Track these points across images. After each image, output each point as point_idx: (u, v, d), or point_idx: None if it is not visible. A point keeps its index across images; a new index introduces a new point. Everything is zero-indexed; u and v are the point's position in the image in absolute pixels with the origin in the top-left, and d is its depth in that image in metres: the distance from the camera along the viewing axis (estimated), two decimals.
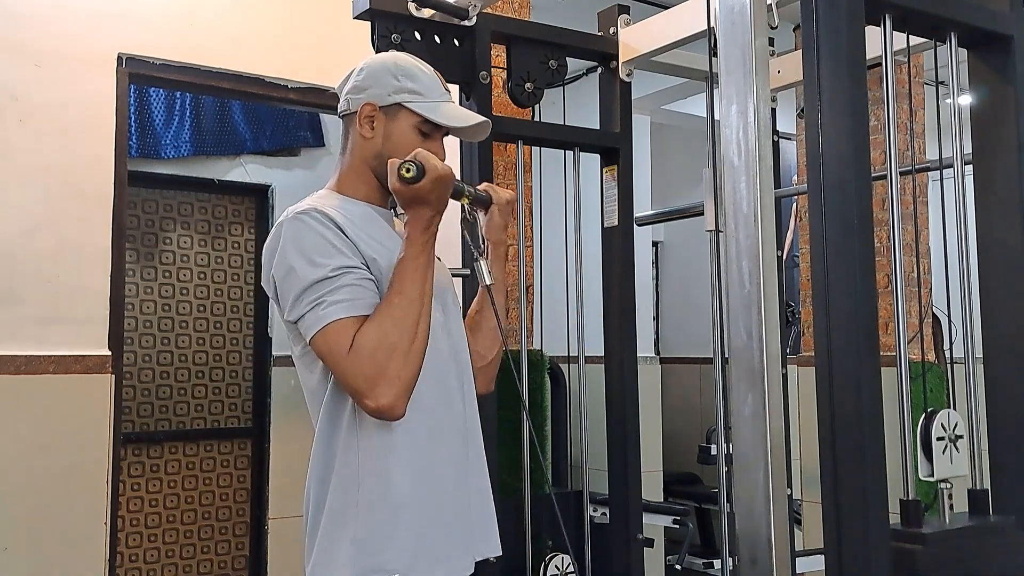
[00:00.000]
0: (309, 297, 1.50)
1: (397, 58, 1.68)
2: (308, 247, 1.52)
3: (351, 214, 1.59)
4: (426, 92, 1.63)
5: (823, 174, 1.47)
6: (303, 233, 1.53)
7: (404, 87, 1.62)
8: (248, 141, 4.51)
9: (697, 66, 2.99)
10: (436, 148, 1.65)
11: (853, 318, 1.41)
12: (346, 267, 1.51)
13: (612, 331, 2.84)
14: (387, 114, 1.63)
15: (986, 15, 1.69)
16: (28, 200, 2.82)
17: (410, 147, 1.60)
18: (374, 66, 1.66)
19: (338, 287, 1.49)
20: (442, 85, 1.67)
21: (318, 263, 1.50)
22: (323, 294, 1.49)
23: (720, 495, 2.65)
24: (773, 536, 1.31)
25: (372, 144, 1.64)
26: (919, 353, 3.34)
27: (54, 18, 2.89)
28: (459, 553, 1.60)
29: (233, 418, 4.63)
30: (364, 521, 1.53)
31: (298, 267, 1.51)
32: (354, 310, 1.49)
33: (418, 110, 1.62)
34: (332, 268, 1.50)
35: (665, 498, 5.05)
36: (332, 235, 1.52)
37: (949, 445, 1.55)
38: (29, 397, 2.75)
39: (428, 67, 1.69)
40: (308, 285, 1.50)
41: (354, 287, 1.50)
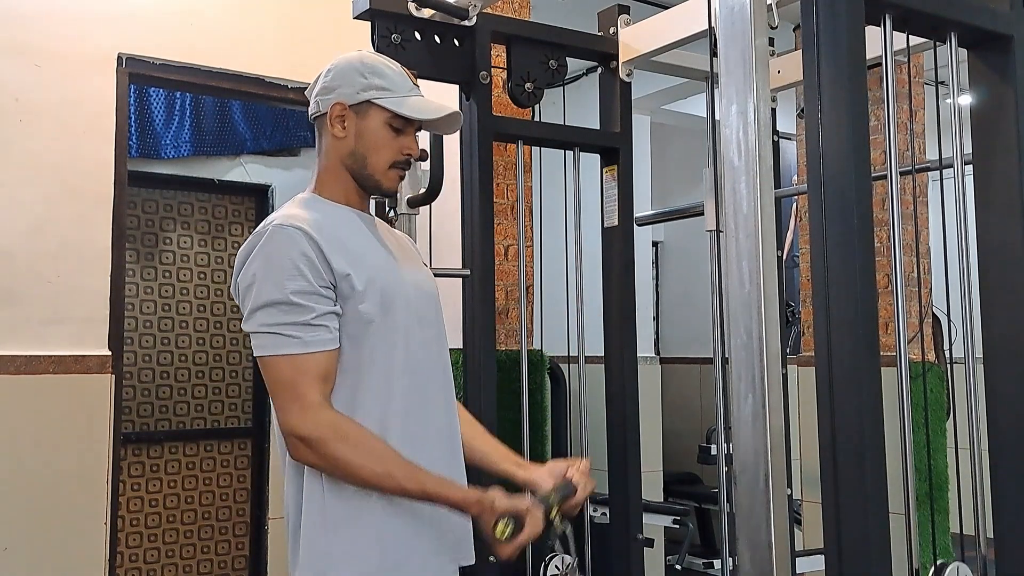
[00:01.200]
0: (264, 318, 1.52)
1: (363, 57, 1.68)
2: (276, 265, 1.52)
3: (330, 220, 1.59)
4: (394, 88, 1.64)
5: (823, 174, 1.47)
6: (276, 249, 1.53)
7: (372, 84, 1.63)
8: (248, 141, 4.51)
9: (697, 66, 2.99)
10: (408, 143, 1.66)
11: (853, 318, 1.41)
12: (308, 293, 1.51)
13: (612, 331, 2.84)
14: (357, 112, 1.64)
15: (986, 15, 1.69)
16: (28, 200, 2.82)
17: (382, 143, 1.63)
18: (341, 66, 1.67)
19: (295, 322, 1.50)
20: (410, 80, 1.68)
21: (281, 284, 1.51)
22: (278, 322, 1.51)
23: (720, 495, 2.65)
24: (773, 536, 1.31)
25: (345, 143, 1.64)
26: (919, 353, 3.34)
27: (54, 18, 2.89)
28: (442, 560, 1.61)
29: (233, 418, 4.62)
30: (343, 533, 1.53)
31: (260, 282, 1.53)
32: (315, 347, 1.51)
33: (387, 105, 1.62)
34: (292, 291, 1.51)
35: (665, 498, 5.05)
36: (301, 257, 1.52)
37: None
38: (29, 397, 2.75)
39: (395, 64, 1.69)
40: (265, 303, 1.52)
41: (310, 327, 1.51)
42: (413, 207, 2.77)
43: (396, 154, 1.65)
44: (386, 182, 1.66)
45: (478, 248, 2.59)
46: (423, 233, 2.91)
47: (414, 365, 1.61)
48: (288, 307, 1.50)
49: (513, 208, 3.51)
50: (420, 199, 2.75)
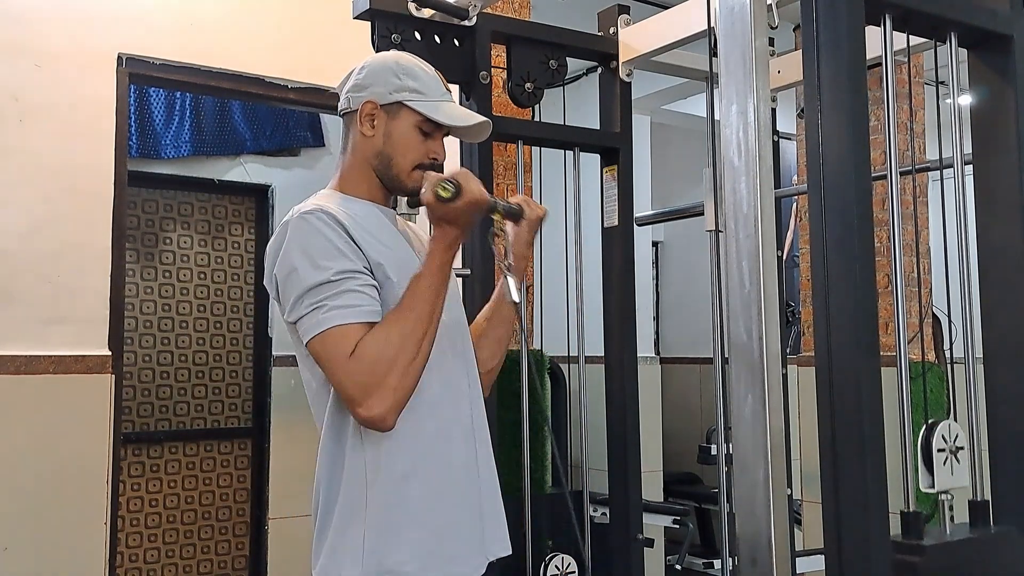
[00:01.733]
0: (310, 300, 1.49)
1: (399, 57, 1.68)
2: (312, 249, 1.51)
3: (355, 214, 1.59)
4: (428, 91, 1.64)
5: (823, 174, 1.46)
6: (308, 234, 1.52)
7: (406, 86, 1.63)
8: (248, 141, 4.51)
9: (697, 66, 2.99)
10: (436, 147, 1.66)
11: (853, 318, 1.41)
12: (349, 271, 1.50)
13: (612, 331, 2.84)
14: (388, 112, 1.63)
15: (986, 15, 1.69)
16: (28, 200, 2.82)
17: (410, 146, 1.63)
18: (375, 65, 1.66)
19: (340, 292, 1.49)
20: (443, 85, 1.68)
21: (321, 265, 1.49)
22: (324, 298, 1.48)
23: (720, 495, 2.65)
24: (773, 536, 1.31)
25: (373, 142, 1.64)
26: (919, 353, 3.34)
27: (54, 18, 2.89)
28: (471, 553, 1.60)
29: (233, 418, 4.63)
30: (374, 523, 1.52)
31: (300, 268, 1.51)
32: (354, 316, 1.48)
33: (420, 109, 1.62)
34: (335, 272, 1.49)
35: (665, 498, 5.06)
36: (336, 237, 1.52)
37: (950, 456, 1.55)
38: (29, 397, 2.75)
39: (429, 67, 1.69)
40: (309, 287, 1.49)
41: (356, 293, 1.50)
42: (413, 207, 2.76)
43: (422, 157, 1.65)
44: (410, 182, 1.65)
45: (478, 248, 2.59)
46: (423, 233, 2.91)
47: (441, 356, 1.59)
48: (332, 284, 1.49)
49: None
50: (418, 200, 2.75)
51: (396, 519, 1.53)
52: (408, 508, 1.54)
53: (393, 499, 1.53)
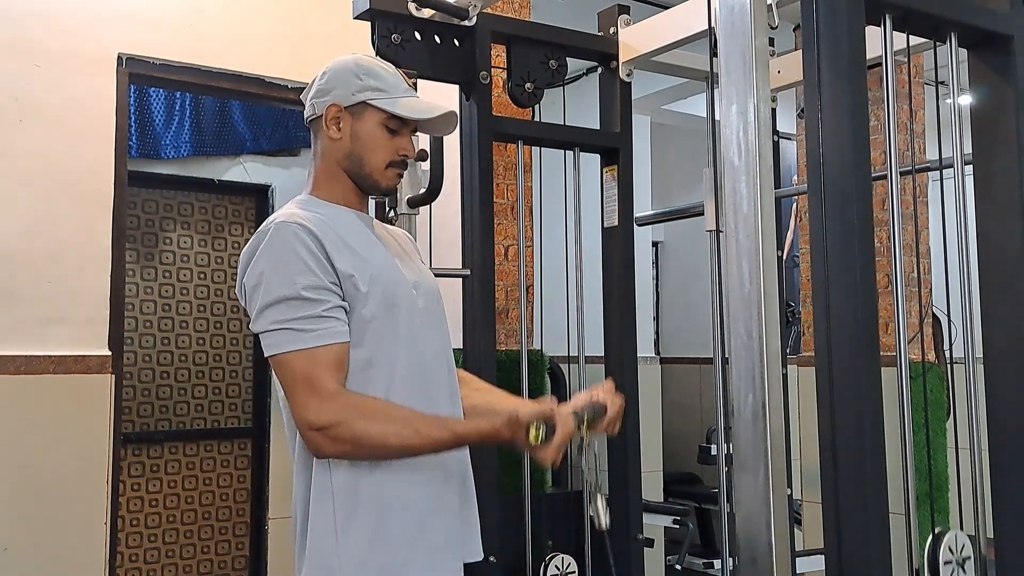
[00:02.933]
0: (275, 315, 1.51)
1: (358, 59, 1.69)
2: (282, 262, 1.52)
3: (332, 221, 1.59)
4: (389, 88, 1.65)
5: (823, 174, 1.46)
6: (279, 246, 1.53)
7: (367, 85, 1.64)
8: (248, 141, 4.51)
9: (697, 66, 2.99)
10: (404, 144, 1.66)
11: (853, 318, 1.41)
12: (316, 287, 1.51)
13: (612, 331, 2.84)
14: (353, 114, 1.64)
15: (986, 15, 1.69)
16: (28, 200, 2.82)
17: (379, 144, 1.64)
18: (336, 68, 1.68)
19: (307, 315, 1.50)
20: (405, 81, 1.68)
21: (289, 280, 1.50)
22: (290, 319, 1.50)
23: (720, 495, 2.65)
24: (773, 536, 1.31)
25: (341, 145, 1.65)
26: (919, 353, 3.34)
27: (54, 18, 2.89)
28: (448, 559, 1.60)
29: (233, 418, 4.62)
30: (351, 534, 1.53)
31: (269, 280, 1.52)
32: (326, 339, 1.50)
33: (382, 106, 1.63)
34: (302, 287, 1.50)
35: (665, 498, 5.05)
36: (307, 252, 1.52)
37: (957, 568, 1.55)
38: (29, 397, 2.75)
39: (390, 66, 1.71)
40: (275, 300, 1.51)
41: (321, 318, 1.50)
42: (413, 207, 2.77)
43: (392, 154, 1.65)
44: (384, 180, 1.66)
45: (478, 248, 2.59)
46: (423, 233, 2.91)
47: (419, 366, 1.61)
48: (299, 302, 1.50)
49: (513, 208, 3.51)
50: (420, 199, 2.75)
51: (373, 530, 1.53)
52: (385, 518, 1.54)
53: (369, 510, 1.54)
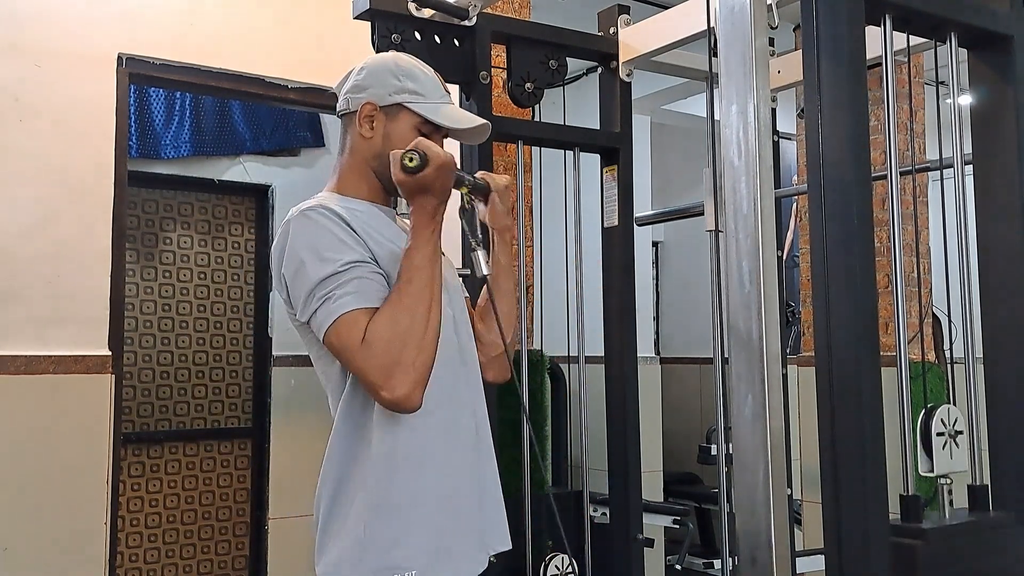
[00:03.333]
0: (319, 293, 1.49)
1: (398, 58, 1.68)
2: (317, 243, 1.51)
3: (358, 213, 1.59)
4: (427, 93, 1.63)
5: (823, 174, 1.47)
6: (311, 229, 1.52)
7: (405, 87, 1.62)
8: (248, 141, 4.51)
9: (697, 66, 2.99)
10: None
11: (853, 318, 1.41)
12: (354, 261, 1.50)
13: (612, 331, 2.84)
14: (387, 114, 1.63)
15: (986, 15, 1.69)
16: (28, 200, 2.82)
17: None
18: (375, 66, 1.66)
19: (347, 280, 1.48)
20: (442, 87, 1.67)
21: (327, 258, 1.49)
22: (332, 288, 1.48)
23: (720, 495, 2.65)
24: (773, 536, 1.31)
25: (372, 144, 1.64)
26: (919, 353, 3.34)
27: (54, 18, 2.89)
28: (474, 550, 1.60)
29: (233, 418, 4.62)
30: (378, 519, 1.52)
31: (308, 264, 1.51)
32: (364, 301, 1.48)
33: (419, 111, 1.62)
34: (342, 263, 1.49)
35: (665, 498, 5.05)
36: (339, 230, 1.52)
37: (949, 441, 1.55)
38: (29, 397, 2.75)
39: (429, 68, 1.68)
40: (318, 281, 1.49)
41: (363, 280, 1.49)
42: None
43: None
44: None
45: None
46: None
47: (447, 358, 1.59)
48: (339, 275, 1.49)
49: (513, 208, 3.50)
50: None
51: (400, 517, 1.53)
52: (412, 506, 1.53)
53: (397, 497, 1.53)
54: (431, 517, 1.54)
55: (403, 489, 1.53)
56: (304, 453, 4.30)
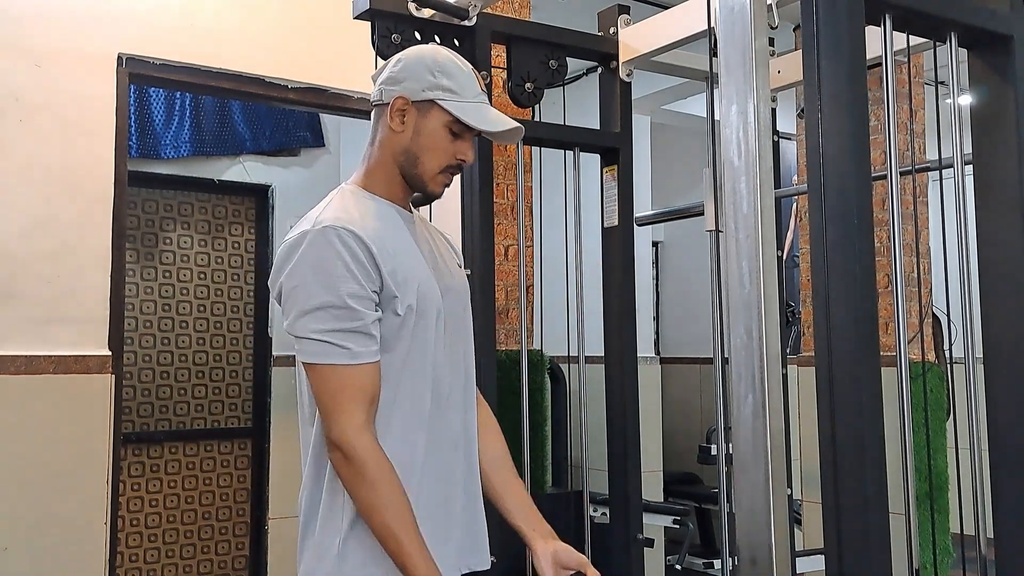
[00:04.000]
0: (315, 324, 1.49)
1: (437, 52, 1.64)
2: (328, 267, 1.49)
3: (377, 219, 1.58)
4: (461, 91, 1.60)
5: (823, 174, 1.47)
6: (323, 251, 1.50)
7: (439, 84, 1.59)
8: (247, 141, 4.51)
9: (697, 66, 2.99)
10: (465, 148, 1.63)
11: (853, 318, 1.41)
12: (356, 296, 1.49)
13: (612, 331, 2.84)
14: (419, 109, 1.60)
15: (986, 15, 1.69)
16: (28, 200, 2.82)
17: (439, 146, 1.61)
18: (412, 59, 1.63)
19: (346, 329, 1.48)
20: (479, 85, 1.64)
21: (333, 287, 1.48)
22: (329, 328, 1.48)
23: (720, 495, 2.65)
24: (773, 536, 1.31)
25: (401, 138, 1.61)
26: (919, 353, 3.34)
27: (54, 18, 2.89)
28: (444, 567, 1.55)
29: (233, 418, 4.63)
30: (352, 532, 1.52)
31: (310, 284, 1.50)
32: (351, 359, 1.49)
33: (451, 109, 1.59)
34: (346, 294, 1.48)
35: (665, 498, 5.05)
36: (352, 259, 1.50)
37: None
38: (29, 397, 2.75)
39: (467, 65, 1.65)
40: (315, 307, 1.49)
41: (360, 335, 1.49)
42: (413, 207, 2.77)
43: (450, 158, 1.62)
44: (432, 185, 1.64)
45: (478, 248, 2.59)
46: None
47: (440, 369, 1.60)
48: (341, 311, 1.48)
49: (513, 208, 3.51)
50: (420, 199, 2.75)
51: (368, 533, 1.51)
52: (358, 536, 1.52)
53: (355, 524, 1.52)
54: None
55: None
56: None
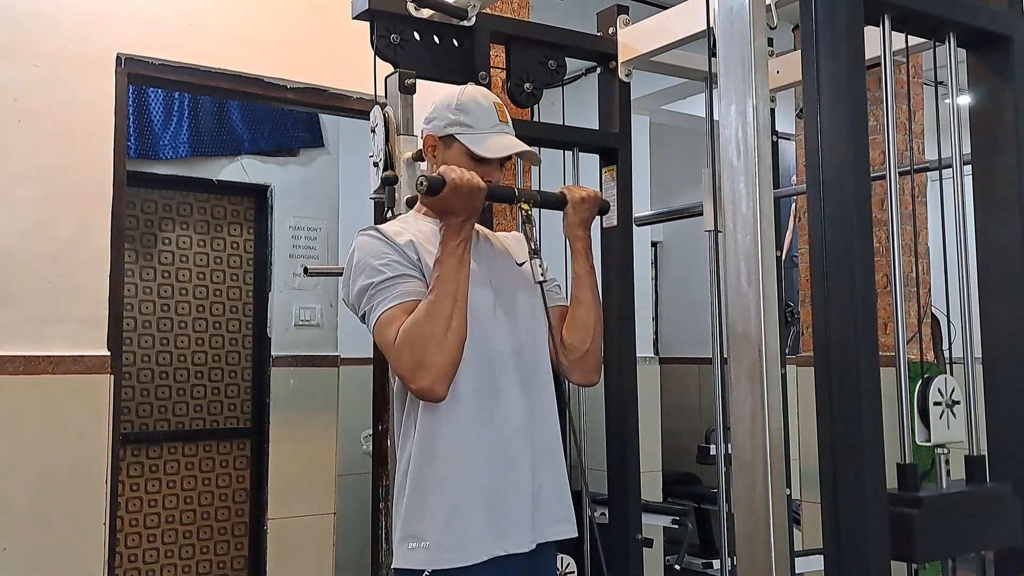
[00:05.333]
0: (362, 297, 1.75)
1: (462, 93, 1.91)
2: (365, 258, 1.77)
3: (416, 234, 1.82)
4: (476, 125, 1.86)
5: (822, 174, 1.47)
6: (362, 249, 1.79)
7: (458, 120, 1.87)
8: (246, 142, 4.50)
9: (696, 66, 2.99)
10: (490, 171, 1.86)
11: (853, 318, 1.41)
12: (400, 272, 1.74)
13: (611, 331, 2.84)
14: (445, 143, 1.89)
15: (985, 15, 1.69)
16: (27, 200, 2.82)
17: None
18: (440, 101, 1.92)
19: (385, 286, 1.73)
20: (497, 116, 1.90)
21: (378, 269, 1.75)
22: (373, 293, 1.74)
23: (719, 495, 2.65)
24: (772, 536, 1.31)
25: (436, 169, 1.83)
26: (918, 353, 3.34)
27: (53, 18, 2.89)
28: (484, 540, 1.75)
29: (232, 418, 4.62)
30: (412, 492, 1.76)
31: (357, 277, 1.77)
32: (397, 300, 1.72)
33: (465, 142, 1.85)
34: (378, 265, 1.75)
35: (664, 498, 5.05)
36: (386, 247, 1.77)
37: (946, 410, 1.56)
38: (28, 397, 2.75)
39: (489, 100, 1.92)
40: (362, 287, 1.75)
41: (398, 283, 1.73)
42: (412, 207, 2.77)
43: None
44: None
45: None
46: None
47: (484, 360, 1.79)
48: (377, 276, 1.74)
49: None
50: None
51: (426, 493, 1.75)
52: (436, 485, 1.75)
53: (427, 475, 1.75)
54: (448, 498, 1.74)
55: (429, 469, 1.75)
56: (303, 453, 4.30)
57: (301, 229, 4.56)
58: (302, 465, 4.26)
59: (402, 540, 1.76)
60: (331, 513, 4.28)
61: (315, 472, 4.24)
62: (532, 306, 1.91)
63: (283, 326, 4.44)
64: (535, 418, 1.88)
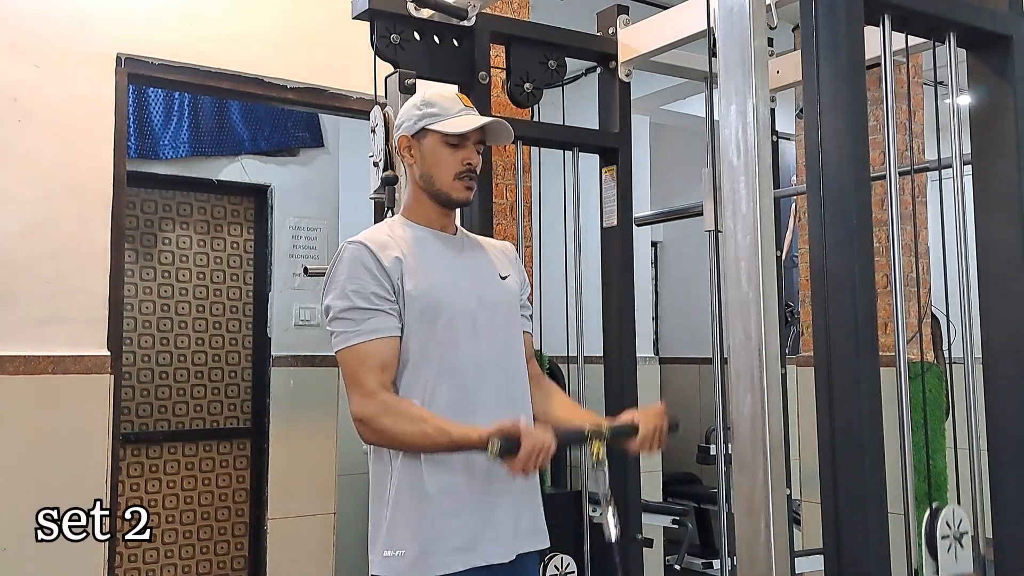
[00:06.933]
0: (331, 318, 1.79)
1: (423, 93, 1.96)
2: (340, 276, 1.79)
3: (401, 240, 1.84)
4: (443, 112, 1.87)
5: (822, 174, 1.47)
6: (340, 264, 1.81)
7: (425, 113, 1.88)
8: (246, 142, 4.50)
9: (696, 66, 2.99)
10: (468, 154, 1.86)
11: (853, 318, 1.41)
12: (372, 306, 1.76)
13: (611, 331, 2.84)
14: (419, 140, 1.88)
15: (985, 15, 1.69)
16: (28, 200, 2.82)
17: (443, 159, 1.86)
18: (405, 107, 1.94)
19: (358, 320, 1.75)
20: (461, 103, 1.90)
21: (344, 290, 1.77)
22: (342, 319, 1.76)
23: (719, 495, 2.65)
24: (772, 536, 1.31)
25: (415, 168, 1.89)
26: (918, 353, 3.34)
27: (54, 18, 2.89)
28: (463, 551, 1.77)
29: (232, 418, 4.62)
30: (395, 504, 1.79)
31: (329, 293, 1.80)
32: (364, 337, 1.75)
33: (437, 127, 1.85)
34: (350, 290, 1.76)
35: (664, 498, 5.05)
36: (361, 267, 1.78)
37: (954, 543, 1.56)
38: (28, 397, 2.75)
39: (451, 91, 1.98)
40: (329, 306, 1.79)
41: (369, 320, 1.75)
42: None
43: (458, 165, 1.86)
44: (454, 192, 1.87)
45: None
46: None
47: (459, 370, 1.80)
48: (348, 305, 1.76)
49: (512, 208, 3.51)
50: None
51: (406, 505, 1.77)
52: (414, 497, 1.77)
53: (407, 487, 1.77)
54: (426, 510, 1.76)
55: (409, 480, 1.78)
56: (303, 453, 4.30)
57: (301, 229, 4.56)
58: (302, 465, 4.26)
59: (379, 548, 1.79)
60: (331, 513, 4.28)
61: (315, 472, 4.23)
62: (510, 318, 1.93)
63: (283, 326, 4.44)
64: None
